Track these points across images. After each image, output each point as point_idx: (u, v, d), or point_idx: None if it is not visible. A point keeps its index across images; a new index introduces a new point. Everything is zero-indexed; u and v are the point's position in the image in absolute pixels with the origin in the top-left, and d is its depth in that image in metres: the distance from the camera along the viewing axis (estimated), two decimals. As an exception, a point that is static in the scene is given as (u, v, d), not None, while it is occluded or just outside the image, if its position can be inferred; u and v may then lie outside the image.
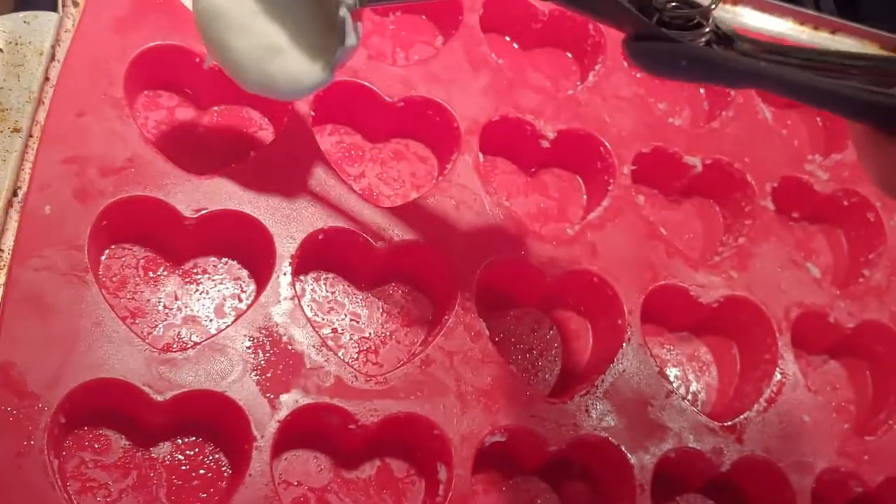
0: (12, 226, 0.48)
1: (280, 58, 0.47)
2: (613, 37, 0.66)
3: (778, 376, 0.59)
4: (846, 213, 0.69)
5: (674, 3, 0.36)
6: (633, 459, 0.53)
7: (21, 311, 0.45)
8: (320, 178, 0.54)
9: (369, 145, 0.61)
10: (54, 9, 0.55)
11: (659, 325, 0.62)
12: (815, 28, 0.76)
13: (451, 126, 0.59)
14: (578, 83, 0.67)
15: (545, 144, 0.62)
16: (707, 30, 0.36)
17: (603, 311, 0.58)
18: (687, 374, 0.62)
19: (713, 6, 0.36)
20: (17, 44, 0.52)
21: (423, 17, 0.66)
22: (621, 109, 0.64)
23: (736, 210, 0.66)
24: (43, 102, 0.52)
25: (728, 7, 0.74)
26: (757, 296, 0.61)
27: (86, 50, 0.53)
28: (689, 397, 0.60)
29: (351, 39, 0.44)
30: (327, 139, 0.60)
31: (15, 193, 0.49)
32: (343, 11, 0.43)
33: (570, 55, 0.69)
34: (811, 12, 0.76)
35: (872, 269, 0.66)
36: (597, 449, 0.54)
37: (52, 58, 0.53)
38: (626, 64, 0.66)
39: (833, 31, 0.76)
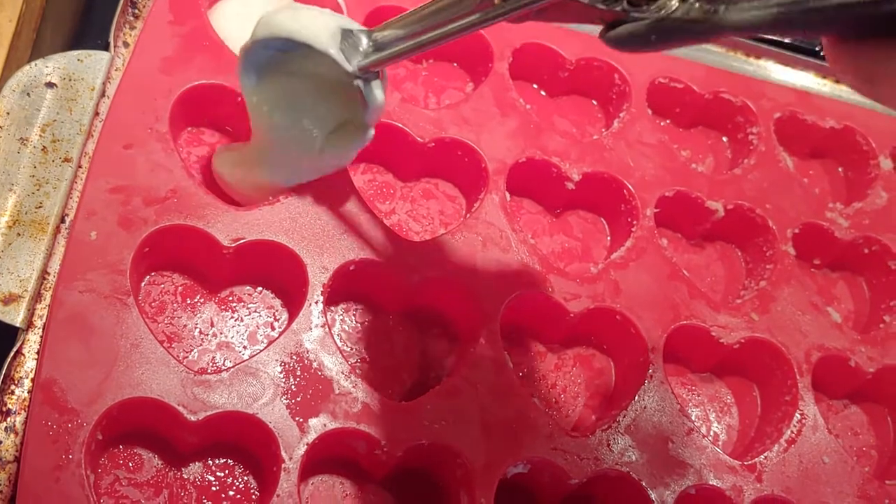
0: (59, 250, 0.51)
1: (324, 139, 0.51)
2: (638, 85, 0.68)
3: (798, 417, 0.59)
4: (867, 260, 0.69)
5: None
6: (653, 495, 0.54)
7: (65, 330, 0.48)
8: (353, 213, 0.56)
9: (400, 184, 0.63)
10: (106, 48, 0.58)
11: (681, 365, 0.63)
12: (837, 81, 0.78)
13: (479, 167, 0.61)
14: (603, 129, 0.69)
15: (570, 186, 0.64)
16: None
17: (625, 349, 0.60)
18: (708, 413, 0.62)
19: None
20: (70, 80, 0.55)
21: (455, 64, 0.69)
22: (645, 155, 0.66)
23: (757, 255, 0.67)
24: (92, 135, 0.54)
25: (752, 60, 0.76)
26: (778, 338, 0.62)
27: (134, 87, 0.55)
28: (710, 436, 0.61)
29: (371, 100, 0.48)
30: (360, 177, 0.62)
31: (63, 220, 0.52)
32: (356, 82, 0.47)
33: (595, 103, 0.72)
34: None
35: (893, 316, 0.67)
36: (617, 483, 0.54)
37: (103, 94, 0.56)
38: (650, 112, 0.68)
39: (854, 85, 0.78)
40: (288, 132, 0.52)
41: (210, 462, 0.51)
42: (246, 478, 0.51)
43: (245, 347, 0.54)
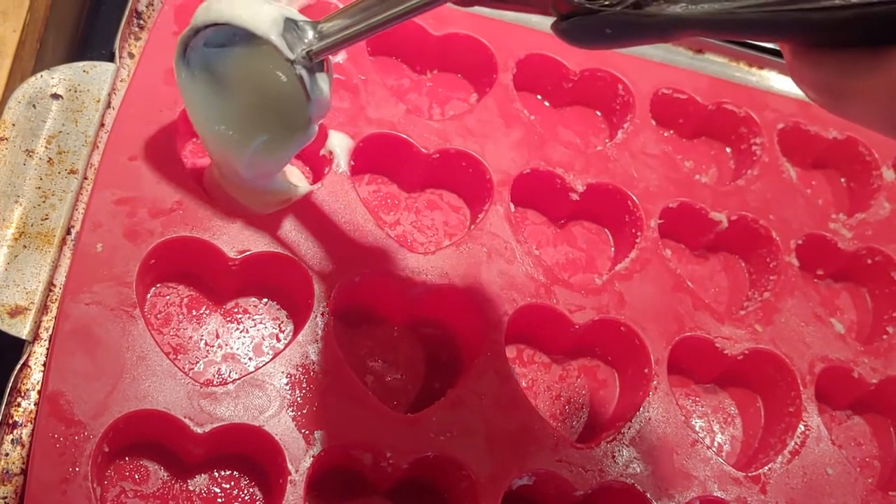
0: (65, 262, 0.51)
1: (263, 136, 0.50)
2: (642, 96, 0.68)
3: (801, 428, 0.59)
4: (870, 271, 0.70)
5: None
6: (657, 506, 0.54)
7: (71, 343, 0.48)
8: (358, 224, 0.56)
9: (405, 195, 0.63)
10: (110, 58, 0.58)
11: (685, 377, 0.63)
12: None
13: (483, 178, 0.61)
14: (607, 140, 0.69)
15: (574, 197, 0.64)
16: None
17: (630, 360, 0.60)
18: (712, 424, 0.62)
19: None
20: (76, 91, 0.55)
21: (459, 75, 0.69)
22: (649, 166, 0.66)
23: (761, 266, 0.67)
24: (98, 146, 0.54)
25: (754, 70, 0.77)
26: (781, 349, 0.62)
27: (140, 98, 0.55)
28: (714, 448, 0.61)
29: (314, 93, 0.46)
30: (365, 188, 0.62)
31: (69, 232, 0.52)
32: (299, 70, 0.45)
33: (598, 114, 0.72)
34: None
35: (896, 327, 0.67)
36: (622, 495, 0.54)
37: (108, 105, 0.56)
38: (653, 122, 0.68)
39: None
40: (223, 133, 0.51)
41: (216, 474, 0.51)
42: (252, 490, 0.51)
43: (250, 359, 0.54)
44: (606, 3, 0.35)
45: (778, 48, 0.75)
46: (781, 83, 0.77)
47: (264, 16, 0.44)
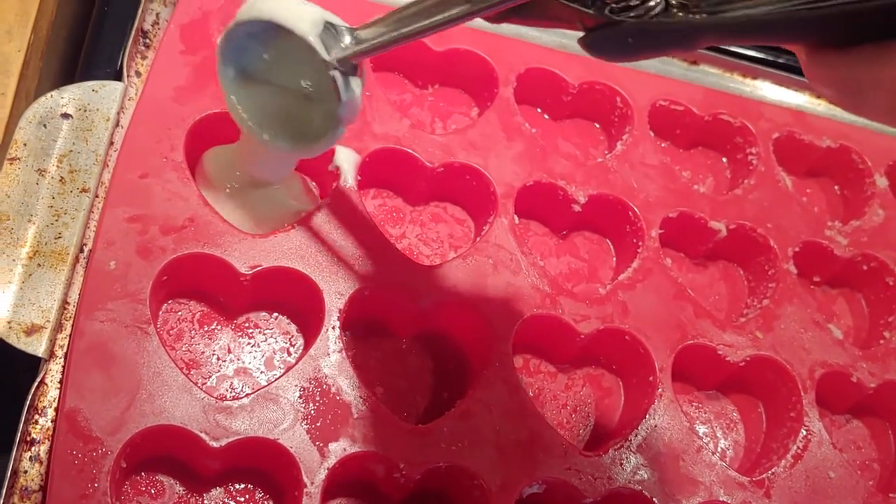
0: (78, 280, 0.51)
1: (294, 133, 0.51)
2: (639, 107, 0.69)
3: (803, 433, 0.60)
4: (866, 277, 0.71)
5: None
6: (665, 512, 0.55)
7: (87, 360, 0.48)
8: (366, 238, 0.57)
9: (410, 208, 0.64)
10: (116, 77, 0.58)
11: (688, 384, 0.64)
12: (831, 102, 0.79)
13: (487, 190, 0.62)
14: (607, 152, 0.70)
15: (576, 208, 0.65)
16: (654, 2, 0.36)
17: (635, 368, 0.61)
18: (715, 430, 0.63)
19: None
20: (86, 110, 0.55)
21: (461, 90, 0.70)
22: (648, 176, 0.67)
23: (760, 273, 0.68)
24: (108, 165, 0.55)
25: (748, 81, 0.78)
26: (782, 356, 0.63)
27: (148, 117, 0.56)
28: (718, 453, 0.62)
29: (345, 94, 0.47)
30: (371, 202, 0.63)
31: (81, 250, 0.52)
32: (332, 71, 0.46)
33: (597, 126, 0.73)
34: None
35: (892, 332, 0.68)
36: (631, 501, 0.55)
37: (117, 124, 0.56)
38: (651, 133, 0.69)
39: (848, 105, 0.79)
40: (255, 129, 0.52)
41: (231, 487, 0.51)
42: (267, 502, 0.51)
43: (262, 373, 0.54)
44: (630, 14, 0.36)
45: (772, 59, 0.77)
46: (775, 93, 0.78)
47: (305, 16, 0.46)
